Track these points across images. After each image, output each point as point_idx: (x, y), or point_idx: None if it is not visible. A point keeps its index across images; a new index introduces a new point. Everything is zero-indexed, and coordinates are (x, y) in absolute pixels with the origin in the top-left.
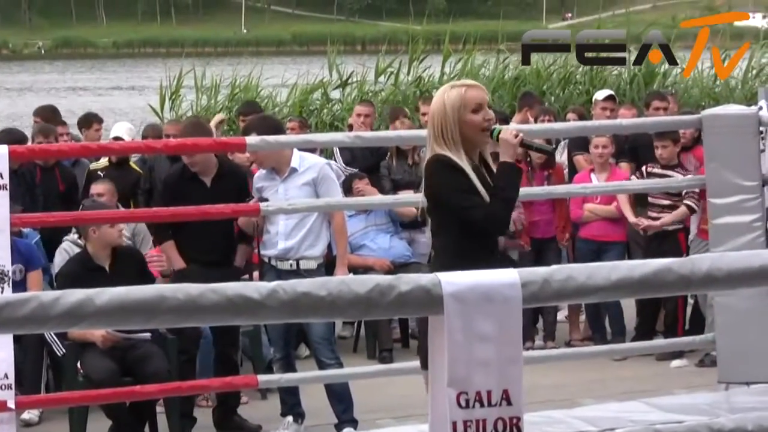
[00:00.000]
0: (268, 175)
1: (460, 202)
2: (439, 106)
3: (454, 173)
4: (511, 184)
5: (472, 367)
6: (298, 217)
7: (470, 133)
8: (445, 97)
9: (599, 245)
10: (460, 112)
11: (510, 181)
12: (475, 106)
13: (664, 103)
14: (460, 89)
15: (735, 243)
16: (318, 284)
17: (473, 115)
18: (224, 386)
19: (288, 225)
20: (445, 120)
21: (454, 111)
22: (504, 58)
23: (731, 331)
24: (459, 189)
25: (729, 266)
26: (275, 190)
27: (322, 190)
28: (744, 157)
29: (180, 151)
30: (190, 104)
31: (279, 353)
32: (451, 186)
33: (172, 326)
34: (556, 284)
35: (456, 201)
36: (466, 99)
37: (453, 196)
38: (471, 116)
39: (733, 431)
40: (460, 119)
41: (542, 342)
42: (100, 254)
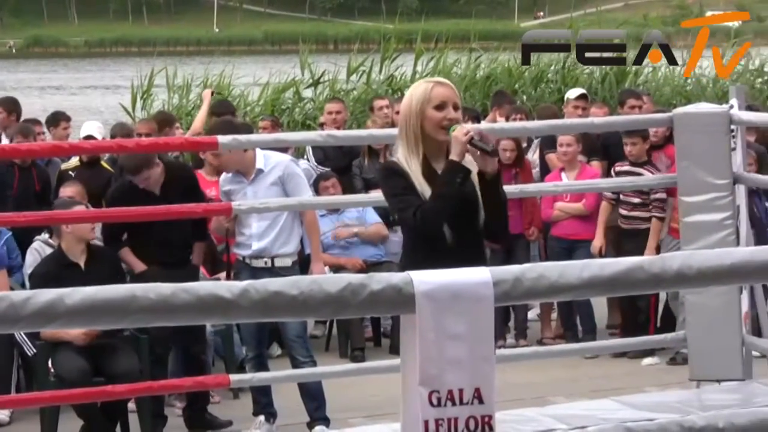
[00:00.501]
0: (234, 178)
1: (395, 205)
2: (407, 99)
3: (394, 178)
4: (448, 181)
5: (443, 365)
6: (270, 218)
7: (430, 128)
8: (413, 92)
9: (570, 244)
10: (422, 106)
11: (446, 178)
12: (438, 102)
13: (639, 101)
14: (428, 84)
15: (706, 241)
16: (290, 283)
17: (435, 111)
18: (196, 386)
19: (260, 226)
20: (409, 113)
21: (418, 104)
22: (476, 57)
23: (702, 328)
24: (395, 193)
25: (700, 264)
26: (243, 192)
27: (290, 187)
28: (715, 156)
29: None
30: (162, 103)
31: (251, 352)
32: (389, 191)
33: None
34: (528, 283)
35: (392, 205)
36: (431, 95)
37: (391, 201)
38: (432, 112)
39: (704, 429)
40: (422, 113)
41: (514, 340)
42: (75, 250)
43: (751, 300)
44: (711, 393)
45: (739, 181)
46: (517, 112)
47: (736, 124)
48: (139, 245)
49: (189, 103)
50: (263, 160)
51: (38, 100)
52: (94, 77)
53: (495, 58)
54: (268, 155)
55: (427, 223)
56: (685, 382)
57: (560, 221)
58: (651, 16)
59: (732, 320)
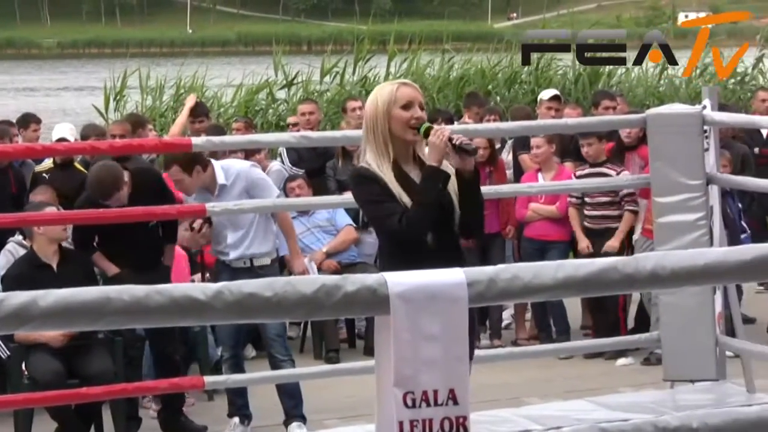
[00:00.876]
0: (200, 196)
1: (375, 212)
2: (372, 101)
3: (368, 184)
4: (429, 187)
5: (418, 366)
6: (244, 228)
7: (397, 128)
8: (378, 94)
9: (543, 244)
10: (389, 106)
11: (427, 184)
12: (405, 102)
13: (613, 102)
14: (393, 86)
15: (679, 241)
16: (264, 285)
17: (402, 110)
18: (171, 388)
19: (235, 237)
20: (375, 115)
21: (384, 105)
22: (449, 57)
23: (676, 329)
24: (373, 200)
25: (673, 265)
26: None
27: (257, 194)
28: (688, 156)
29: (126, 151)
30: (135, 105)
31: (228, 353)
32: (365, 198)
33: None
34: (502, 283)
35: (371, 212)
36: (397, 95)
37: (368, 208)
38: (400, 111)
39: (678, 429)
40: (389, 114)
41: (489, 341)
42: (47, 251)
43: (724, 300)
44: (685, 393)
45: (712, 181)
46: (490, 113)
47: (709, 124)
48: (110, 249)
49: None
50: (222, 174)
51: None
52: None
53: (468, 59)
54: (227, 167)
55: (413, 230)
56: (660, 383)
57: (533, 222)
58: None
59: (706, 321)
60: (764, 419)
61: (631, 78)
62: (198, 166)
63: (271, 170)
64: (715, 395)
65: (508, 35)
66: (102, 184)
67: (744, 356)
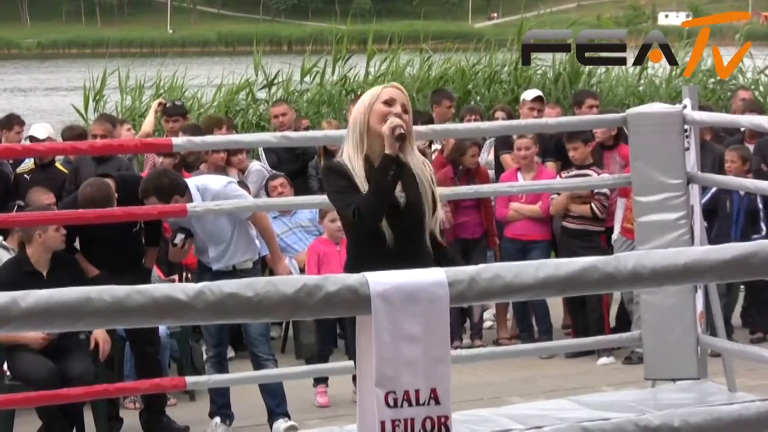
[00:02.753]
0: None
1: (336, 203)
2: (359, 103)
3: (335, 176)
4: (381, 174)
5: (399, 366)
6: (224, 242)
7: (374, 121)
8: (365, 94)
9: (524, 244)
10: (371, 101)
11: (379, 172)
12: (387, 98)
13: (596, 101)
14: (380, 87)
15: (660, 241)
16: (245, 285)
17: (383, 105)
18: (152, 388)
19: (216, 250)
20: (359, 111)
21: (367, 100)
22: (427, 56)
23: (657, 328)
24: (336, 191)
25: (654, 264)
26: (193, 229)
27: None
28: (669, 155)
29: (106, 151)
30: (115, 105)
31: (211, 351)
32: (330, 189)
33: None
34: (483, 283)
35: (335, 204)
36: (381, 93)
37: (332, 199)
38: (380, 105)
39: (660, 428)
40: (370, 108)
41: (470, 341)
42: (40, 259)
43: (705, 299)
44: (666, 392)
45: (692, 180)
46: (471, 113)
47: (690, 123)
48: (91, 252)
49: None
50: (199, 197)
51: None
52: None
53: (448, 58)
54: (203, 188)
55: (364, 218)
56: (641, 382)
57: (514, 222)
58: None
59: (687, 319)
60: (745, 418)
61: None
62: (176, 195)
63: (251, 170)
64: (696, 394)
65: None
66: (94, 203)
67: (725, 355)
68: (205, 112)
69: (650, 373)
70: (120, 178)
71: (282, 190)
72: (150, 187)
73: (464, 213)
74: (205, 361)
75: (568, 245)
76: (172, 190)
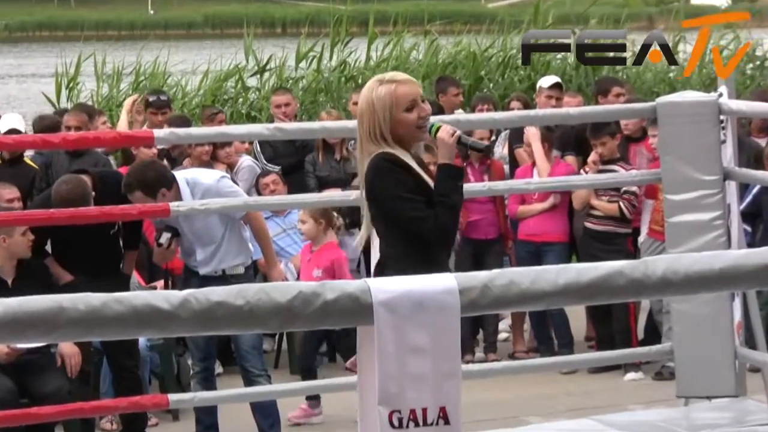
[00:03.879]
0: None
1: (405, 210)
2: (368, 104)
3: (400, 173)
4: (454, 188)
5: (405, 382)
6: (214, 244)
7: (404, 132)
8: (374, 96)
9: (538, 246)
10: (392, 111)
11: (453, 185)
12: (408, 104)
13: (623, 89)
14: (389, 86)
15: (693, 243)
16: (234, 292)
17: (407, 114)
18: (132, 407)
19: (205, 252)
20: (374, 119)
21: (385, 110)
22: (432, 40)
23: (690, 340)
24: (405, 196)
25: (686, 269)
26: (180, 229)
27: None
28: (703, 149)
29: (81, 145)
30: (90, 93)
31: (197, 366)
32: (395, 192)
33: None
34: (497, 290)
35: (401, 209)
36: (398, 96)
37: (399, 206)
38: (405, 115)
39: None
40: (393, 119)
41: (483, 354)
42: (5, 266)
43: (743, 308)
44: (700, 411)
45: (729, 177)
46: (483, 102)
47: (726, 114)
48: (64, 255)
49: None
50: (188, 191)
51: None
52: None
53: (458, 41)
54: (193, 182)
55: (444, 235)
56: (672, 400)
57: (527, 219)
58: None
59: (723, 330)
60: None
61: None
62: (163, 188)
63: (241, 166)
64: (734, 413)
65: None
66: (70, 202)
67: (766, 370)
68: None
69: (683, 390)
70: (98, 175)
71: (274, 187)
72: (134, 181)
73: (477, 210)
74: (191, 376)
75: (589, 248)
76: (158, 182)
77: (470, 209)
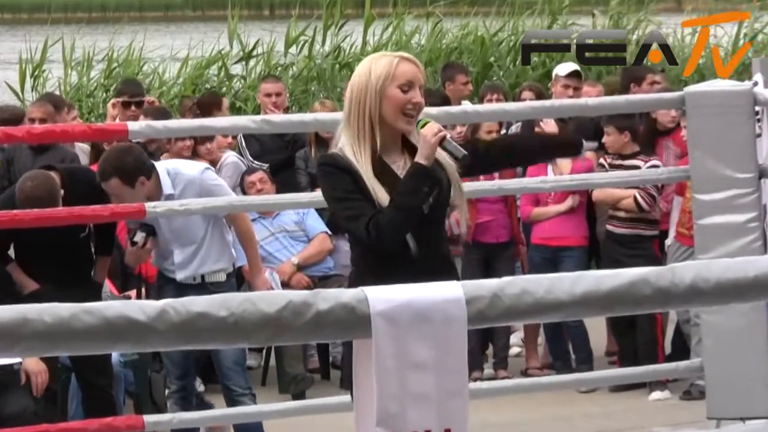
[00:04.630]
0: None
1: (341, 212)
2: (363, 73)
3: (338, 176)
4: (411, 189)
5: (406, 401)
6: (195, 245)
7: (389, 112)
8: (373, 65)
9: (554, 252)
10: (384, 82)
11: (410, 185)
12: (404, 81)
13: (658, 76)
14: (392, 59)
15: (726, 248)
16: (217, 302)
17: (398, 91)
18: (103, 428)
19: (184, 254)
20: (366, 91)
21: (379, 81)
22: (436, 22)
23: (722, 355)
24: (340, 196)
25: (718, 276)
26: (155, 224)
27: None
28: (736, 144)
29: (46, 139)
30: (58, 81)
31: (175, 384)
32: (332, 193)
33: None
34: (508, 300)
35: (338, 211)
36: (396, 71)
37: (335, 206)
38: (396, 92)
39: None
40: (383, 91)
41: (492, 371)
42: None
43: None
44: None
45: (765, 174)
46: (492, 91)
47: (762, 104)
48: (29, 260)
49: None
50: (169, 181)
51: None
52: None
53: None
54: (175, 172)
55: (384, 238)
56: (703, 421)
57: (541, 222)
58: None
59: (758, 345)
60: None
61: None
62: (141, 176)
63: (224, 163)
64: None
65: None
66: (37, 201)
67: None
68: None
69: (714, 411)
70: (66, 172)
71: (261, 186)
72: (110, 167)
73: (487, 211)
74: (167, 396)
75: (611, 253)
76: (137, 170)
77: (479, 210)
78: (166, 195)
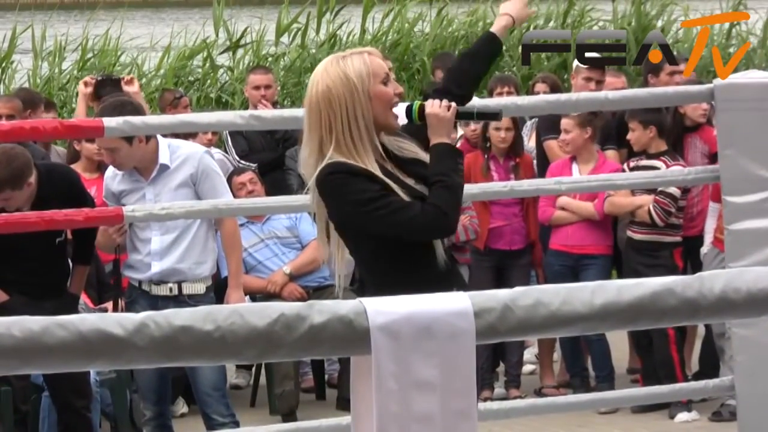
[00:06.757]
0: (128, 175)
1: (377, 210)
2: (339, 80)
3: (358, 180)
4: (454, 167)
5: (409, 424)
6: (177, 231)
7: (380, 110)
8: (346, 69)
9: (575, 260)
10: (369, 83)
11: (452, 164)
12: (383, 75)
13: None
14: (361, 56)
15: (759, 255)
16: (202, 315)
17: (382, 86)
18: None
19: (164, 241)
20: (352, 97)
21: (363, 82)
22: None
23: (755, 373)
24: (372, 197)
25: (750, 286)
26: (141, 195)
27: (205, 189)
28: None
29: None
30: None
31: (150, 411)
32: (359, 197)
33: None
34: (522, 312)
35: (373, 212)
36: (373, 67)
37: (366, 207)
38: (380, 87)
39: None
40: (370, 92)
41: (504, 390)
42: None
43: None
44: None
45: None
46: (503, 84)
47: None
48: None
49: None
50: (167, 152)
51: None
52: None
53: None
54: (175, 146)
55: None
56: None
57: (562, 228)
58: None
59: None
60: None
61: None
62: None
63: None
64: None
65: None
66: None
67: None
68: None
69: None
70: (44, 169)
71: (252, 187)
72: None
73: (500, 215)
74: (142, 423)
75: (630, 261)
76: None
77: (492, 214)
78: (160, 164)
